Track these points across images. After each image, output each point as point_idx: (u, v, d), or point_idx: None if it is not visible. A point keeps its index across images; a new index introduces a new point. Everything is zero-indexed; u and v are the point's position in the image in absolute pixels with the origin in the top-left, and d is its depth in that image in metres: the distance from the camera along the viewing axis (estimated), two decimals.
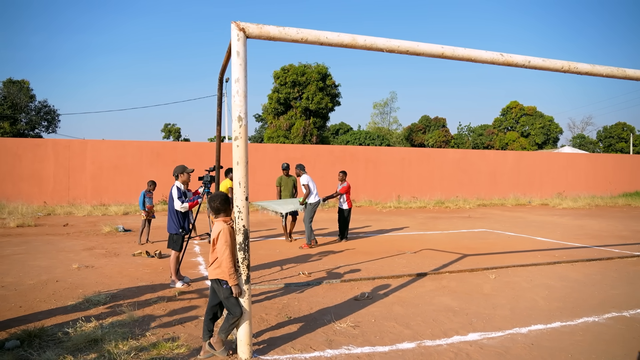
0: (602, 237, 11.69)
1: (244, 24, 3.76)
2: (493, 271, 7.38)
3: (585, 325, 4.93)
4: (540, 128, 57.71)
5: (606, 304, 5.68)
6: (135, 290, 6.21)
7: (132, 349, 4.02)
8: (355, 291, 6.16)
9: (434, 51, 4.30)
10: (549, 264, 8.02)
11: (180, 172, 6.63)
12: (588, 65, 5.12)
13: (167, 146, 20.87)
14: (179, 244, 6.58)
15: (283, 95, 37.61)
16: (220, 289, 3.99)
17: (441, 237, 11.48)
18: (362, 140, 48.07)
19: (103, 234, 11.54)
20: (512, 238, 11.42)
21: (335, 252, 9.18)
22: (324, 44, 3.95)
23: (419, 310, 5.38)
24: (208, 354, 3.96)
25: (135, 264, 7.98)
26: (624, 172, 27.82)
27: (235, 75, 3.75)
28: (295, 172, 10.15)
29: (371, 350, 4.18)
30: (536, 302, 5.76)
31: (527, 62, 4.76)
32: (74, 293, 6.02)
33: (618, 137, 60.87)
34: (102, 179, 18.78)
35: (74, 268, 7.49)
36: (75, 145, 18.94)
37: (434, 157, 23.97)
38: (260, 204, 10.38)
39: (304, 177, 9.95)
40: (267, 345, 4.25)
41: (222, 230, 3.99)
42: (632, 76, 5.37)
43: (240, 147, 3.78)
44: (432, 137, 56.07)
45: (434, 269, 7.59)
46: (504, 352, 4.17)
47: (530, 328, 4.80)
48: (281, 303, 5.61)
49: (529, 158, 26.47)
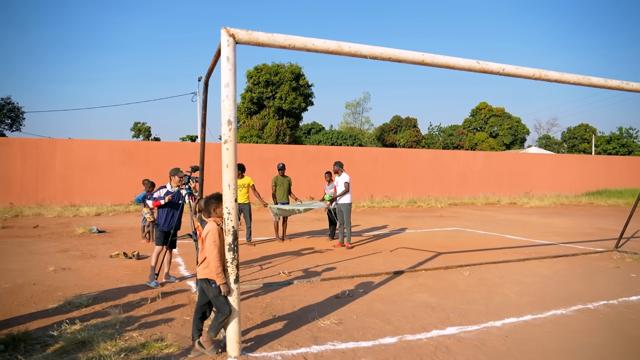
0: (568, 234, 12.19)
1: (234, 30, 3.86)
2: (467, 268, 7.66)
3: (554, 317, 5.22)
4: (508, 129, 59.27)
5: (572, 297, 6.01)
6: (117, 292, 6.21)
7: (122, 350, 4.06)
8: (335, 289, 6.32)
9: (415, 58, 4.49)
10: (520, 261, 8.36)
11: (173, 174, 6.82)
12: (557, 73, 5.42)
13: (139, 146, 20.62)
14: (161, 240, 6.74)
15: (256, 94, 37.56)
16: (209, 288, 4.08)
17: (415, 236, 11.77)
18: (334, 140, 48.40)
19: (77, 235, 11.37)
20: (483, 236, 11.80)
21: (314, 252, 9.32)
22: (311, 50, 4.09)
23: (398, 306, 5.58)
24: (198, 352, 4.05)
25: (113, 265, 7.94)
26: (587, 172, 28.93)
27: (224, 80, 3.84)
28: (334, 169, 10.14)
29: (355, 345, 4.34)
30: (508, 297, 6.04)
31: (502, 70, 5.01)
32: (54, 296, 5.97)
33: (581, 138, 63.06)
34: (72, 179, 18.42)
35: (50, 271, 7.39)
36: (43, 145, 18.52)
37: (406, 157, 24.40)
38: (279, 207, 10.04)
39: (345, 175, 10.02)
40: (255, 342, 4.36)
41: (211, 231, 4.08)
42: (597, 84, 5.71)
43: (230, 150, 3.88)
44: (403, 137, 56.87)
45: (411, 266, 7.83)
46: (481, 344, 4.39)
47: (504, 321, 5.05)
48: (264, 302, 5.72)
49: (498, 158, 27.23)
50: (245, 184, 10.13)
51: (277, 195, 10.61)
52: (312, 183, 20.06)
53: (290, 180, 10.86)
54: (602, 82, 5.82)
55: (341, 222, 9.98)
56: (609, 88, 5.87)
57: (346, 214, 9.84)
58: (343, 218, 9.90)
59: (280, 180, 10.70)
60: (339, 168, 10.10)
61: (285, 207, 10.01)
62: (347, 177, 9.98)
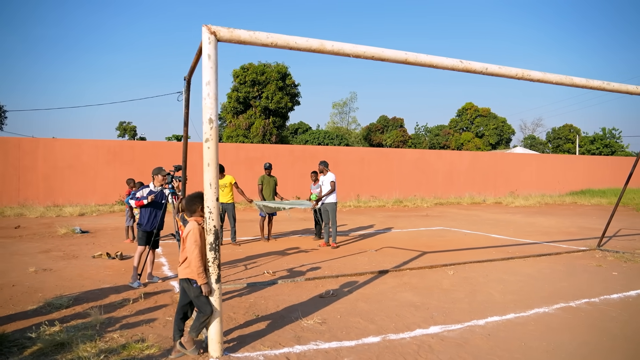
0: (551, 233, 12.32)
1: (215, 28, 3.82)
2: (451, 267, 7.69)
3: (536, 315, 5.26)
4: (494, 129, 59.77)
5: (555, 295, 6.06)
6: (99, 293, 6.12)
7: (102, 352, 4.00)
8: (319, 289, 6.30)
9: (398, 57, 4.49)
10: (503, 260, 8.42)
11: (156, 174, 6.79)
12: (540, 73, 5.46)
13: (124, 145, 20.39)
14: (143, 240, 6.70)
15: (242, 94, 37.41)
16: (190, 288, 4.03)
17: (401, 235, 11.80)
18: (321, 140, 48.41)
19: (59, 235, 11.20)
20: (468, 235, 11.87)
21: (299, 251, 9.29)
22: (293, 48, 4.06)
23: (382, 305, 5.58)
24: (179, 353, 4.00)
25: (96, 266, 7.83)
26: (571, 171, 29.29)
27: (206, 78, 3.80)
28: (319, 168, 10.11)
29: (338, 345, 4.33)
30: (492, 295, 6.08)
31: (485, 69, 5.03)
32: (34, 297, 5.87)
33: (565, 139, 63.83)
34: (55, 179, 18.16)
35: (30, 272, 7.27)
36: (25, 144, 18.23)
37: (392, 157, 24.47)
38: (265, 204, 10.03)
39: (331, 174, 9.99)
40: (237, 343, 4.32)
41: (192, 230, 4.04)
42: (579, 84, 5.76)
43: (211, 148, 3.84)
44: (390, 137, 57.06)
45: (395, 266, 7.84)
46: (464, 343, 4.40)
47: (487, 320, 5.08)
48: (248, 302, 5.68)
49: (484, 158, 27.44)
50: (227, 183, 10.06)
51: (264, 194, 10.59)
52: (298, 183, 20.01)
53: (276, 180, 10.86)
54: (584, 82, 5.88)
55: (326, 222, 9.96)
56: (590, 88, 5.94)
57: (332, 213, 9.82)
58: (328, 217, 9.89)
59: (267, 180, 10.67)
60: (324, 167, 10.09)
61: (270, 204, 9.99)
62: (333, 177, 9.96)
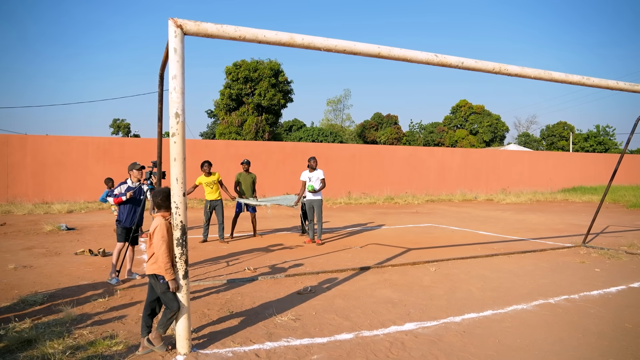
0: (539, 230, 12.32)
1: (182, 21, 3.76)
2: (434, 264, 7.67)
3: (514, 312, 5.23)
4: (488, 126, 59.81)
5: (534, 292, 6.04)
6: (76, 289, 6.06)
7: (68, 348, 3.95)
8: (299, 285, 6.26)
9: (371, 51, 4.44)
10: (487, 257, 8.40)
11: (130, 169, 6.77)
12: (517, 67, 5.42)
13: (114, 142, 20.26)
14: (122, 236, 6.67)
15: (235, 91, 37.29)
16: (157, 284, 3.98)
17: (388, 232, 11.77)
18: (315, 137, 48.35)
19: (44, 232, 11.12)
20: (456, 232, 11.85)
21: (284, 248, 9.25)
22: (262, 42, 4.00)
23: (359, 302, 5.54)
24: (147, 349, 3.95)
25: (77, 262, 7.77)
26: (563, 169, 29.35)
27: (172, 72, 3.74)
28: (311, 164, 9.88)
29: (310, 341, 4.29)
30: (471, 292, 6.05)
31: (461, 63, 4.99)
32: (9, 294, 5.81)
33: (559, 136, 63.96)
34: (44, 176, 18.05)
35: (10, 269, 7.21)
36: (14, 141, 18.09)
37: (384, 153, 24.43)
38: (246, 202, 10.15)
39: (319, 171, 9.89)
40: (208, 339, 4.28)
41: (159, 226, 3.98)
42: (557, 79, 5.73)
43: (178, 143, 3.79)
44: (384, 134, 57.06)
45: (378, 262, 7.80)
46: (437, 340, 4.37)
47: (464, 317, 5.05)
48: (224, 298, 5.63)
49: (476, 155, 27.43)
50: (216, 180, 9.99)
51: (242, 191, 10.44)
52: (289, 179, 19.97)
53: (255, 177, 10.68)
54: (563, 77, 5.84)
55: (311, 219, 9.91)
56: (569, 83, 5.90)
57: (318, 209, 9.77)
58: (314, 214, 9.84)
59: (244, 177, 10.48)
60: (315, 163, 10.03)
61: (251, 202, 9.96)
62: (322, 173, 9.91)
